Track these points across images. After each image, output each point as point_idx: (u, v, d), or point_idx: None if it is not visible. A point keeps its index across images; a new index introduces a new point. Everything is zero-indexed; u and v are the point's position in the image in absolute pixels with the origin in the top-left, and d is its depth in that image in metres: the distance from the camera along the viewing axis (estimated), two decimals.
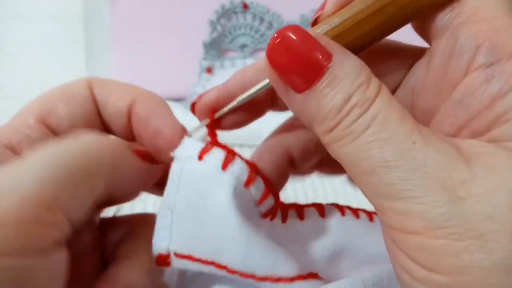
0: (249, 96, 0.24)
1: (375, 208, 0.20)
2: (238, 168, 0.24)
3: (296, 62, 0.20)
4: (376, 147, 0.18)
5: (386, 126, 0.19)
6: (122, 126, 0.26)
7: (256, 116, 0.26)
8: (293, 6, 0.58)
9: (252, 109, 0.26)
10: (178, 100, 0.61)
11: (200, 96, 0.25)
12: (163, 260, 0.23)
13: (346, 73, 0.19)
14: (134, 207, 0.37)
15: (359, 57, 0.21)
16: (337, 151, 0.20)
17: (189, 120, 0.27)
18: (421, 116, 0.22)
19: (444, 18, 0.20)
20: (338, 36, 0.21)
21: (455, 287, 0.17)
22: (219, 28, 0.59)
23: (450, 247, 0.17)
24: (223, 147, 0.24)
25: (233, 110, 0.25)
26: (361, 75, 0.19)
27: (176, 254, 0.23)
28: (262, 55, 0.65)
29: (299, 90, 0.20)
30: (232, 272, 0.23)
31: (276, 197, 0.26)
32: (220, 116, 0.25)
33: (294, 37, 0.20)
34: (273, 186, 0.26)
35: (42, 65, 0.66)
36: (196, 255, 0.23)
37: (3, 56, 0.68)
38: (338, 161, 0.20)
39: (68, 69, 0.66)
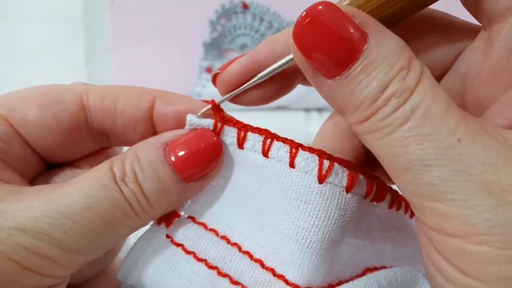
0: (273, 70, 0.21)
1: (411, 205, 0.18)
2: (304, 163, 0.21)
3: (327, 43, 0.17)
4: (415, 144, 0.16)
5: (427, 121, 0.16)
6: (140, 133, 0.25)
7: (284, 92, 0.23)
8: (293, 6, 0.58)
9: (279, 82, 0.23)
10: None
11: (224, 67, 0.23)
12: None
13: (384, 57, 0.17)
14: None
15: (398, 31, 0.18)
16: (370, 143, 0.18)
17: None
18: (473, 107, 0.20)
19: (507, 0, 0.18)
20: (373, 7, 0.18)
21: None
22: (219, 28, 0.59)
23: (491, 255, 0.16)
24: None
25: (258, 85, 0.22)
26: (401, 59, 0.17)
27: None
28: None
29: (330, 75, 0.18)
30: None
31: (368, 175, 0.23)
32: (239, 93, 0.23)
33: (324, 16, 0.17)
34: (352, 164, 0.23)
35: (42, 65, 0.66)
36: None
37: (3, 56, 0.68)
38: (371, 151, 0.18)
39: (68, 69, 0.66)
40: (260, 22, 0.59)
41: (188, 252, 0.23)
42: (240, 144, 0.23)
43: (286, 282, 0.21)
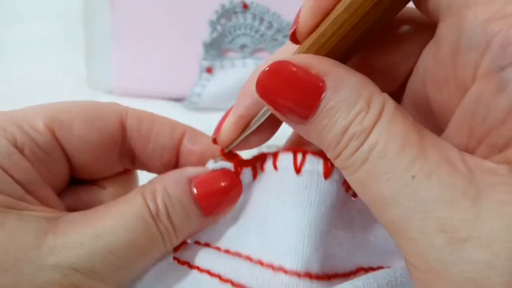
0: (259, 119, 0.23)
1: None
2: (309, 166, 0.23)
3: (289, 95, 0.18)
4: (374, 182, 0.17)
5: (383, 160, 0.17)
6: (164, 161, 0.26)
7: (276, 128, 0.25)
8: (293, 6, 0.58)
9: (267, 125, 0.24)
10: (178, 100, 0.61)
11: (217, 130, 0.25)
12: None
13: (343, 101, 0.18)
14: None
15: (359, 52, 0.20)
16: (346, 178, 0.19)
17: (189, 121, 0.27)
18: (437, 109, 0.20)
19: None
20: (329, 46, 0.19)
21: None
22: (219, 28, 0.59)
23: None
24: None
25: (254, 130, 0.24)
26: (359, 100, 0.18)
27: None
28: (262, 55, 0.65)
29: (298, 122, 0.19)
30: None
31: None
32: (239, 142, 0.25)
33: (282, 70, 0.18)
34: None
35: (42, 65, 0.66)
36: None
37: (3, 56, 0.68)
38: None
39: (68, 69, 0.65)
40: (260, 22, 0.59)
41: (192, 267, 0.25)
42: (254, 176, 0.26)
43: (285, 272, 0.22)
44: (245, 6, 0.58)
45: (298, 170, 0.23)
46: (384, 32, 0.21)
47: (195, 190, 0.24)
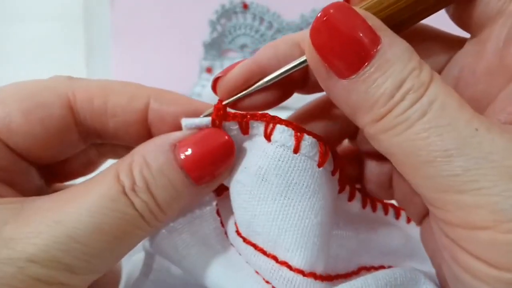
0: (282, 74, 0.21)
1: (430, 203, 0.18)
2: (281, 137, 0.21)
3: (343, 43, 0.17)
4: (434, 135, 0.17)
5: (445, 112, 0.17)
6: (132, 134, 0.23)
7: (282, 99, 0.23)
8: (293, 6, 0.58)
9: (279, 89, 0.22)
10: None
11: (226, 71, 0.22)
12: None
13: (397, 57, 0.17)
14: None
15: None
16: (387, 142, 0.18)
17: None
18: (471, 107, 0.21)
19: (498, 3, 0.18)
20: (383, 16, 0.19)
21: None
22: (219, 28, 0.59)
23: None
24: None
25: (262, 89, 0.22)
26: (412, 59, 0.18)
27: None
28: None
29: (344, 75, 0.18)
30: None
31: (336, 156, 0.24)
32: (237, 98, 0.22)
33: (340, 16, 0.17)
34: (328, 143, 0.23)
35: (42, 65, 0.66)
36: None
37: (3, 56, 0.68)
38: (386, 154, 0.19)
39: (68, 69, 0.65)
40: (260, 22, 0.59)
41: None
42: (244, 131, 0.22)
43: (290, 268, 0.21)
44: (245, 6, 0.58)
45: (321, 163, 0.21)
46: (417, 38, 0.21)
47: (182, 156, 0.21)
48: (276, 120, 0.22)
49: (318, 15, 0.18)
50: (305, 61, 0.20)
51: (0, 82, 0.22)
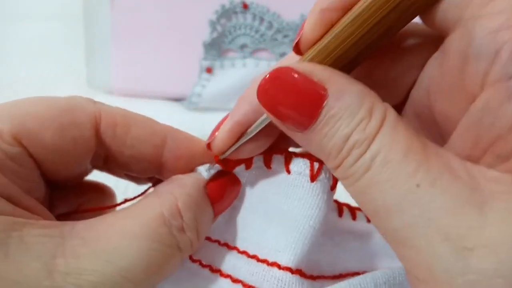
0: (256, 128, 0.23)
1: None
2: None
3: (290, 101, 0.18)
4: (377, 190, 0.17)
5: (386, 168, 0.17)
6: (144, 166, 0.25)
7: (274, 137, 0.24)
8: (293, 6, 0.58)
9: (268, 132, 0.23)
10: (178, 100, 0.61)
11: (212, 134, 0.24)
12: None
13: (344, 110, 0.17)
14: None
15: (363, 65, 0.20)
16: (346, 188, 0.19)
17: (189, 121, 0.27)
18: (441, 120, 0.20)
19: (455, 8, 0.17)
20: (333, 58, 0.19)
21: None
22: (219, 28, 0.59)
23: None
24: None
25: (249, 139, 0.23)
26: (361, 109, 0.17)
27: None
28: (262, 55, 0.65)
29: (299, 130, 0.19)
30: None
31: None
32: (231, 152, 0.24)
33: (284, 77, 0.18)
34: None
35: (42, 65, 0.66)
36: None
37: (3, 56, 0.68)
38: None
39: (68, 69, 0.66)
40: (260, 22, 0.59)
41: (194, 261, 0.25)
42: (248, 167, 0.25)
43: (279, 267, 0.23)
44: (245, 6, 0.58)
45: (313, 178, 0.23)
46: (387, 45, 0.21)
47: (209, 195, 0.24)
48: (272, 153, 0.25)
49: (265, 76, 0.19)
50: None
51: (0, 82, 0.22)
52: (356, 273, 0.26)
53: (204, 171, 0.25)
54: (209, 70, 0.60)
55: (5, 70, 0.64)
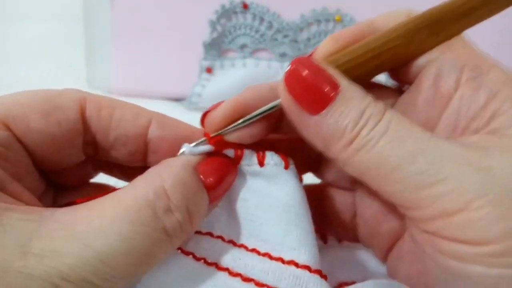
0: (258, 114, 0.24)
1: (405, 207, 0.21)
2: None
3: (311, 86, 0.22)
4: (399, 143, 0.20)
5: (402, 126, 0.21)
6: (129, 150, 0.25)
7: (267, 132, 0.26)
8: (293, 6, 0.58)
9: (265, 124, 0.25)
10: (178, 100, 0.61)
11: (214, 107, 0.25)
12: None
13: (355, 94, 0.21)
14: None
15: None
16: (359, 161, 0.21)
17: (188, 121, 0.27)
18: (425, 125, 0.24)
19: (427, 56, 0.24)
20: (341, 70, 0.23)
21: (509, 253, 0.18)
22: (219, 28, 0.59)
23: (494, 214, 0.18)
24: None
25: (246, 125, 0.25)
26: (367, 96, 0.22)
27: None
28: (262, 55, 0.65)
29: (315, 111, 0.21)
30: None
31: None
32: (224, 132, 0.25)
33: (307, 66, 0.22)
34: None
35: (42, 65, 0.66)
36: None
37: (3, 56, 0.68)
38: (358, 175, 0.22)
39: (68, 69, 0.65)
40: (260, 22, 0.59)
41: (199, 259, 0.24)
42: (238, 161, 0.25)
43: (297, 265, 0.23)
44: (245, 6, 0.58)
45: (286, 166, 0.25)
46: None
47: (202, 177, 0.23)
48: (265, 148, 0.26)
49: (289, 66, 0.22)
50: (276, 105, 0.24)
51: (0, 82, 0.22)
52: (354, 282, 0.26)
53: (189, 146, 0.24)
54: (209, 70, 0.60)
55: (5, 70, 0.64)
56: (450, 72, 0.23)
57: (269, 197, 0.25)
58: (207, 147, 0.24)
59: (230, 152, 0.25)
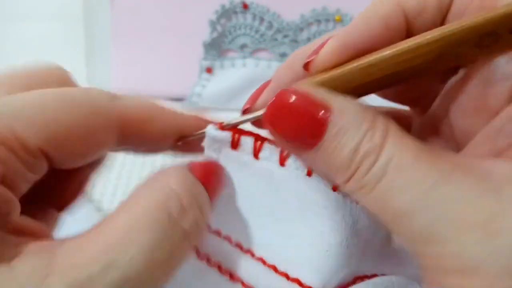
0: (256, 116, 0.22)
1: (411, 253, 0.19)
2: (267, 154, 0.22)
3: (298, 124, 0.19)
4: (394, 195, 0.17)
5: (401, 171, 0.17)
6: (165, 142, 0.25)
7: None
8: (293, 6, 0.58)
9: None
10: (178, 100, 0.61)
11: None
12: None
13: (350, 122, 0.18)
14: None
15: None
16: (360, 200, 0.19)
17: None
18: (460, 136, 0.22)
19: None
20: (339, 86, 0.20)
21: None
22: (219, 28, 0.59)
23: (491, 285, 0.16)
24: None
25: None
26: (364, 121, 0.18)
27: None
28: (262, 55, 0.65)
29: (307, 149, 0.19)
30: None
31: None
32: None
33: (291, 97, 0.19)
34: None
35: None
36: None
37: (3, 56, 0.68)
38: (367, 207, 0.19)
39: (68, 69, 0.65)
40: (260, 22, 0.59)
41: (202, 257, 0.23)
42: (256, 154, 0.23)
43: (301, 285, 0.22)
44: (245, 6, 0.58)
45: (335, 187, 0.22)
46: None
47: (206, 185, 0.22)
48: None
49: (272, 100, 0.19)
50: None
51: None
52: (366, 276, 0.25)
53: (213, 130, 0.23)
54: (209, 70, 0.60)
55: (4, 70, 0.64)
56: (504, 77, 0.19)
57: (286, 203, 0.23)
58: (227, 135, 0.23)
59: (248, 143, 0.23)
